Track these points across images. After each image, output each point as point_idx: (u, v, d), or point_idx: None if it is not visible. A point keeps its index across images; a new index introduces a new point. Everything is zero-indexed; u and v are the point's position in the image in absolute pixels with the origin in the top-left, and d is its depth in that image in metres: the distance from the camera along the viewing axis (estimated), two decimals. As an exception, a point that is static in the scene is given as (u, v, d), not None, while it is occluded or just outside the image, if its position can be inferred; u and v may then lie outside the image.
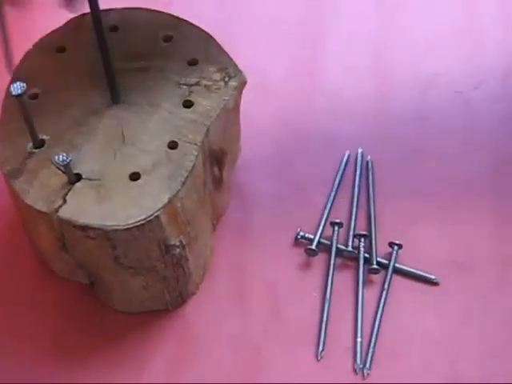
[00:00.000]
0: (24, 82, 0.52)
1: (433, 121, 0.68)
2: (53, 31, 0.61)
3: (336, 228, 0.62)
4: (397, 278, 0.61)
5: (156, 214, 0.53)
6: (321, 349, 0.59)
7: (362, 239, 0.62)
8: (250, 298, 0.61)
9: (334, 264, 0.62)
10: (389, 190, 0.65)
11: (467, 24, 0.73)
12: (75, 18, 0.61)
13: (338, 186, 0.65)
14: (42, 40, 0.61)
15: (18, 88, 0.52)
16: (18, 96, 0.53)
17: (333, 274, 0.61)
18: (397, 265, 0.61)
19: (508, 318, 0.59)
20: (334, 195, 0.65)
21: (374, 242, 0.62)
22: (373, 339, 0.59)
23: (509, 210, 0.64)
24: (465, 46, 0.72)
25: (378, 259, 0.61)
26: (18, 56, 0.60)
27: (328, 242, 0.62)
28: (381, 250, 0.62)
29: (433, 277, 0.61)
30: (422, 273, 0.61)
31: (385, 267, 0.61)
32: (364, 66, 0.71)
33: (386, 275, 0.61)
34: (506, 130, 0.67)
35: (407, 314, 0.60)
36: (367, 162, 0.66)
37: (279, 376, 0.58)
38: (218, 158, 0.60)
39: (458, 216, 0.64)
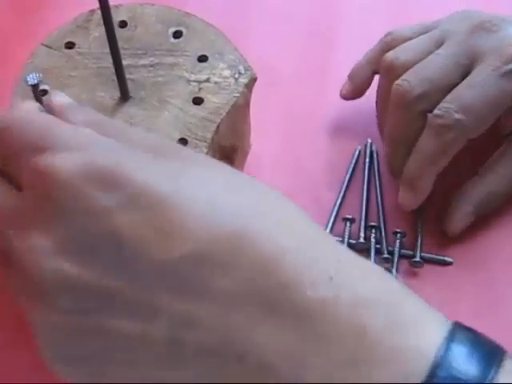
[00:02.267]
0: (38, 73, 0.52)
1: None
2: (61, 27, 0.61)
3: (348, 224, 0.62)
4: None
5: (166, 212, 0.53)
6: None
7: (373, 230, 0.62)
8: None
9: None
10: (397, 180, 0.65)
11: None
12: (84, 13, 0.61)
13: (349, 181, 0.65)
14: (50, 36, 0.60)
15: (34, 78, 0.52)
16: (34, 86, 0.52)
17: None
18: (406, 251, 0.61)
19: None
20: (345, 190, 0.64)
21: (383, 232, 0.62)
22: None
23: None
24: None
25: (390, 248, 0.61)
26: (26, 54, 0.59)
27: (338, 239, 0.62)
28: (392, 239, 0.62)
29: (447, 259, 0.61)
30: (436, 256, 0.61)
31: (407, 257, 0.61)
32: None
33: (392, 263, 0.61)
34: None
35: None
36: (371, 152, 0.65)
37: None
38: (227, 155, 0.59)
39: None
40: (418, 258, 0.61)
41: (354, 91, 0.67)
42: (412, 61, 0.60)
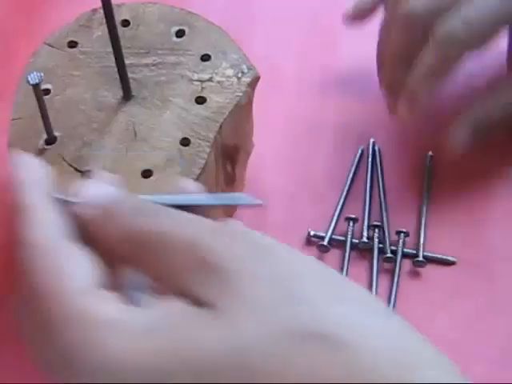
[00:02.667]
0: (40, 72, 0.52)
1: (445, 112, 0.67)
2: (64, 26, 0.61)
3: (351, 223, 0.62)
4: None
5: (168, 212, 0.53)
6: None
7: (376, 230, 0.62)
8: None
9: (348, 258, 0.61)
10: (402, 180, 0.65)
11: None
12: (87, 12, 0.61)
13: (352, 181, 0.65)
14: (53, 35, 0.60)
15: (35, 77, 0.52)
16: (36, 85, 0.52)
17: (347, 269, 0.61)
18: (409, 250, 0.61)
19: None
20: (348, 190, 0.64)
21: (386, 231, 0.62)
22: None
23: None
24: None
25: (392, 247, 0.61)
26: (28, 52, 0.59)
27: (341, 238, 0.62)
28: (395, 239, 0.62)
29: (451, 258, 0.61)
30: (439, 255, 0.61)
31: (410, 256, 0.61)
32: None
33: (395, 262, 0.61)
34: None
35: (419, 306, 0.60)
36: (374, 152, 0.65)
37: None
38: (230, 155, 0.59)
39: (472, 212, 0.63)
40: (420, 258, 0.61)
41: (357, 13, 0.68)
42: None
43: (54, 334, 0.40)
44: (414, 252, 0.61)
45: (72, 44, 0.60)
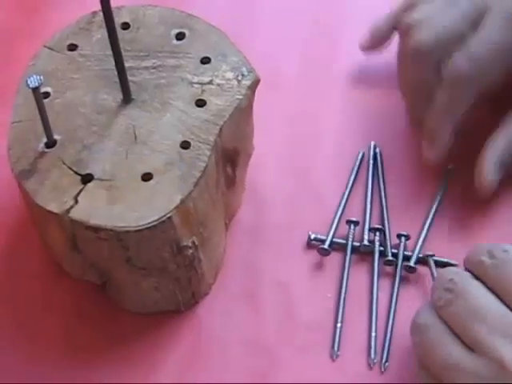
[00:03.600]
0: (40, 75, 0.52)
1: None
2: (64, 29, 0.60)
3: (352, 226, 0.62)
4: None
5: (168, 215, 0.53)
6: (336, 349, 0.58)
7: (377, 233, 0.61)
8: (262, 299, 0.60)
9: (349, 261, 0.61)
10: (401, 182, 0.65)
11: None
12: (86, 15, 0.61)
13: (353, 184, 0.64)
14: (52, 38, 0.60)
15: (35, 81, 0.52)
16: (36, 89, 0.52)
17: (348, 272, 0.61)
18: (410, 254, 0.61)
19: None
20: (349, 193, 0.64)
21: (388, 234, 0.62)
22: (388, 333, 0.58)
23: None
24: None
25: (393, 251, 0.61)
26: (28, 55, 0.59)
27: (341, 241, 0.62)
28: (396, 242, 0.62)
29: (452, 262, 0.61)
30: (440, 258, 0.61)
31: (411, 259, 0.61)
32: (378, 63, 0.70)
33: (396, 265, 0.61)
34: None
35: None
36: (375, 155, 0.65)
37: (293, 377, 0.58)
38: (230, 158, 0.59)
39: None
40: (412, 264, 0.60)
41: (373, 43, 0.69)
42: (429, 18, 0.62)
43: None
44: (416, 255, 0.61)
45: (72, 47, 0.60)
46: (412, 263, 0.60)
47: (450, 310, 0.52)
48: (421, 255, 0.61)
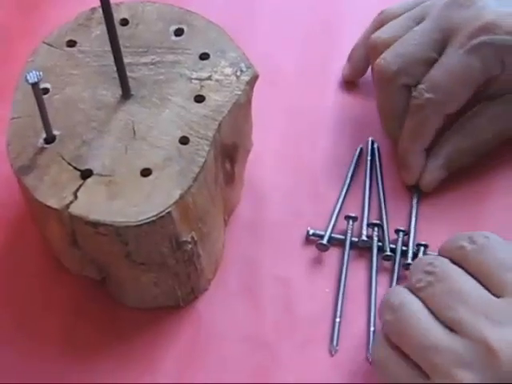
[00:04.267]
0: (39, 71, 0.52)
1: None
2: (63, 25, 0.61)
3: (350, 222, 0.62)
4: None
5: (168, 211, 0.53)
6: (335, 344, 0.58)
7: (375, 228, 0.62)
8: (261, 294, 0.60)
9: (348, 257, 0.61)
10: (400, 178, 0.65)
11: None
12: (85, 11, 0.61)
13: (351, 179, 0.65)
14: (51, 34, 0.60)
15: (34, 76, 0.52)
16: (35, 84, 0.52)
17: (347, 267, 0.61)
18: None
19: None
20: (347, 188, 0.64)
21: (385, 230, 0.62)
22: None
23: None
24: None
25: (391, 246, 0.61)
26: (28, 51, 0.59)
27: (340, 237, 0.62)
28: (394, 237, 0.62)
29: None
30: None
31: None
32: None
33: (394, 260, 0.61)
34: None
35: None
36: (373, 150, 0.65)
37: (292, 372, 0.58)
38: (229, 153, 0.59)
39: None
40: (409, 261, 0.61)
41: (352, 72, 0.69)
42: (393, 39, 0.62)
43: None
44: (414, 250, 0.61)
45: (71, 43, 0.60)
46: (410, 260, 0.61)
47: (431, 291, 0.51)
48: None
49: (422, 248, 0.61)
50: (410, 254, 0.61)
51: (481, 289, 0.51)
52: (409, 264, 0.60)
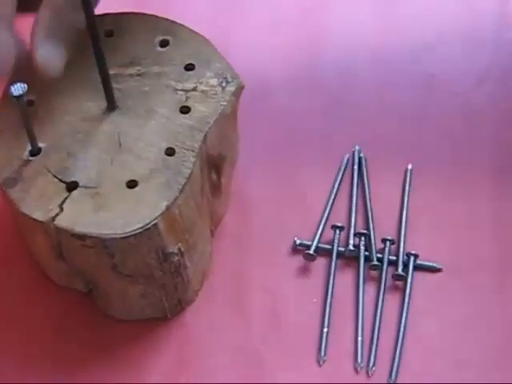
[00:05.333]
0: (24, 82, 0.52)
1: (431, 121, 0.67)
2: (48, 37, 0.60)
3: (337, 231, 0.62)
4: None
5: (154, 222, 0.53)
6: (322, 354, 0.58)
7: (362, 238, 0.62)
8: (249, 305, 0.60)
9: (335, 266, 0.61)
10: (387, 188, 0.65)
11: (466, 23, 0.72)
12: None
13: (338, 189, 0.65)
14: (36, 46, 0.60)
15: (19, 88, 0.52)
16: (20, 97, 0.52)
17: (334, 277, 0.61)
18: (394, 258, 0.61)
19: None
20: (334, 198, 0.64)
21: (372, 239, 0.62)
22: (375, 337, 0.59)
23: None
24: (463, 46, 0.71)
25: (378, 255, 0.61)
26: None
27: (327, 246, 0.62)
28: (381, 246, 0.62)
29: (437, 265, 0.61)
30: (425, 262, 0.61)
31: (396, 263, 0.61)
32: (362, 69, 0.70)
33: (381, 270, 0.61)
34: (504, 133, 0.67)
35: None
36: (360, 159, 0.65)
37: (280, 383, 0.58)
38: (215, 164, 0.59)
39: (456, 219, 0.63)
40: (400, 272, 0.61)
41: None
42: None
43: None
44: (403, 260, 0.61)
45: (56, 55, 0.59)
46: (400, 271, 0.61)
47: None
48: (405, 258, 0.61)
49: (412, 258, 0.61)
50: (400, 264, 0.61)
51: None
52: (399, 275, 0.60)
